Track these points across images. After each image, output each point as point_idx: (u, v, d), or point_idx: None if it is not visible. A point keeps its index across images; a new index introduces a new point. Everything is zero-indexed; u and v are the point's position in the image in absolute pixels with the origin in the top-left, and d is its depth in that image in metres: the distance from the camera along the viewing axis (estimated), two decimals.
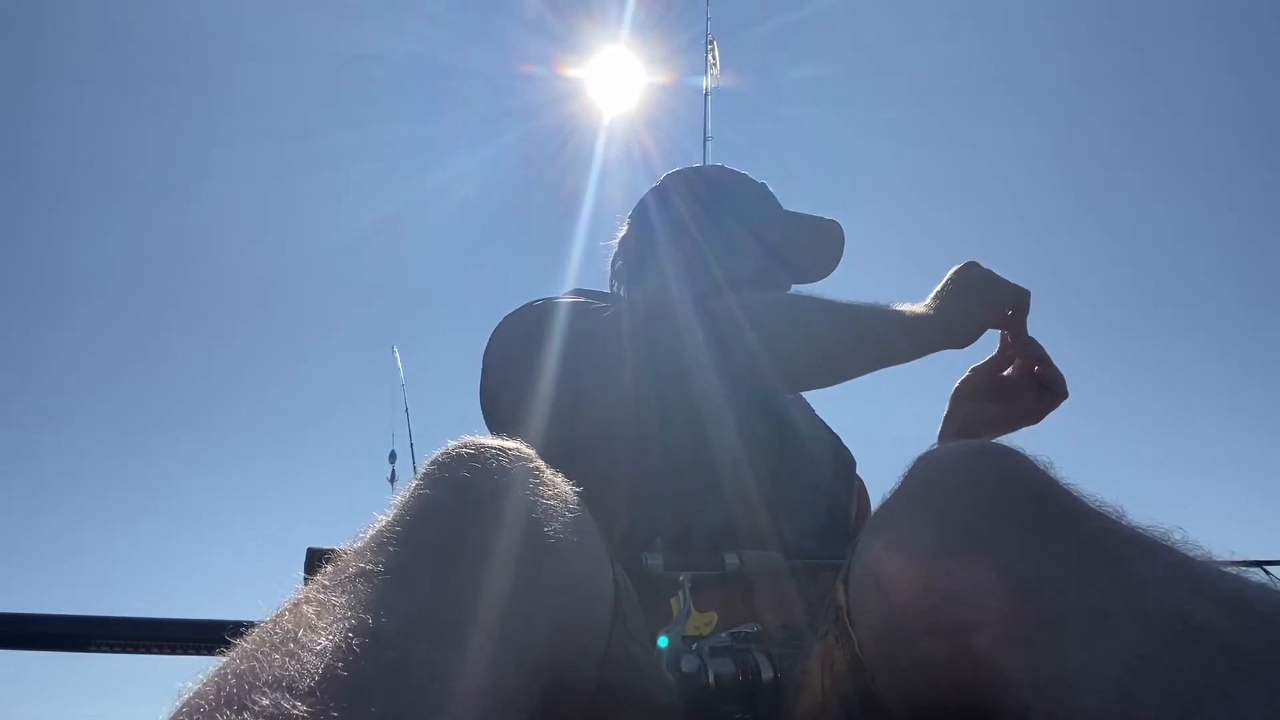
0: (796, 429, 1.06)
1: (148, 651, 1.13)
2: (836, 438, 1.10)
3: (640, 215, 1.27)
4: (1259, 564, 0.80)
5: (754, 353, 0.93)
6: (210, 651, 1.13)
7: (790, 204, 1.27)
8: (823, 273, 1.24)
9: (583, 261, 1.34)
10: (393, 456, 2.64)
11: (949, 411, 1.08)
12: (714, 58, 2.84)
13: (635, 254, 1.24)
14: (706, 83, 2.81)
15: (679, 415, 0.95)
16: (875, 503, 0.61)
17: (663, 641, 0.59)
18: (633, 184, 1.27)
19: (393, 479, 2.62)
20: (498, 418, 1.00)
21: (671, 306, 0.99)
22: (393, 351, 2.55)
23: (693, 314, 0.95)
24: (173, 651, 1.12)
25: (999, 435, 1.03)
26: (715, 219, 1.20)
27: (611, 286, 1.28)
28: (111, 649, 1.13)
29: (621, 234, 1.30)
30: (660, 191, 1.26)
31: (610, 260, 1.30)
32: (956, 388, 1.08)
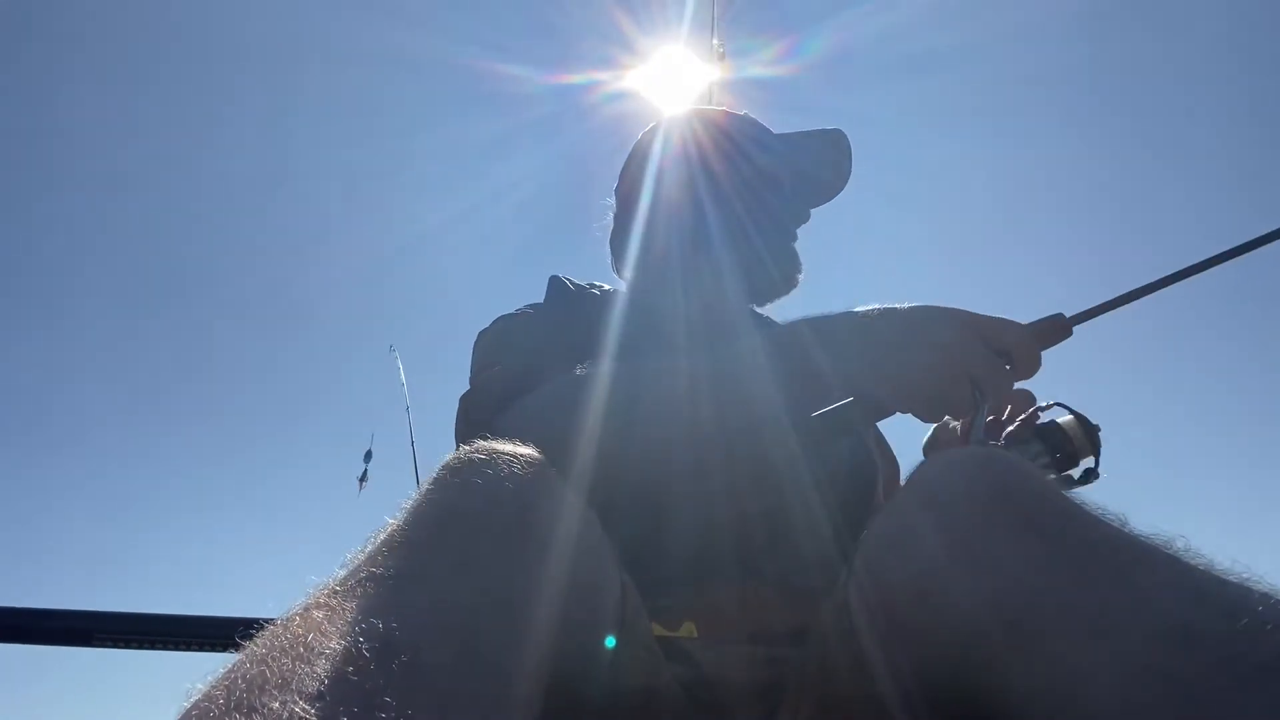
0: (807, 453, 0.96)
1: (152, 647, 1.13)
2: (855, 450, 1.01)
3: (681, 199, 1.14)
4: None
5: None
6: (218, 649, 1.14)
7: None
8: (841, 182, 1.19)
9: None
10: (368, 456, 2.58)
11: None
12: (721, 51, 2.83)
13: (663, 244, 1.13)
14: (713, 75, 2.79)
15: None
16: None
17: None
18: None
19: (364, 478, 2.56)
20: (488, 414, 0.87)
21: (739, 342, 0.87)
22: (391, 352, 2.52)
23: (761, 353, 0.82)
24: (177, 648, 1.13)
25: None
26: (754, 191, 1.11)
27: (615, 268, 1.21)
28: (115, 644, 1.14)
29: (614, 214, 1.22)
30: (706, 171, 1.14)
31: (609, 239, 1.22)
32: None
